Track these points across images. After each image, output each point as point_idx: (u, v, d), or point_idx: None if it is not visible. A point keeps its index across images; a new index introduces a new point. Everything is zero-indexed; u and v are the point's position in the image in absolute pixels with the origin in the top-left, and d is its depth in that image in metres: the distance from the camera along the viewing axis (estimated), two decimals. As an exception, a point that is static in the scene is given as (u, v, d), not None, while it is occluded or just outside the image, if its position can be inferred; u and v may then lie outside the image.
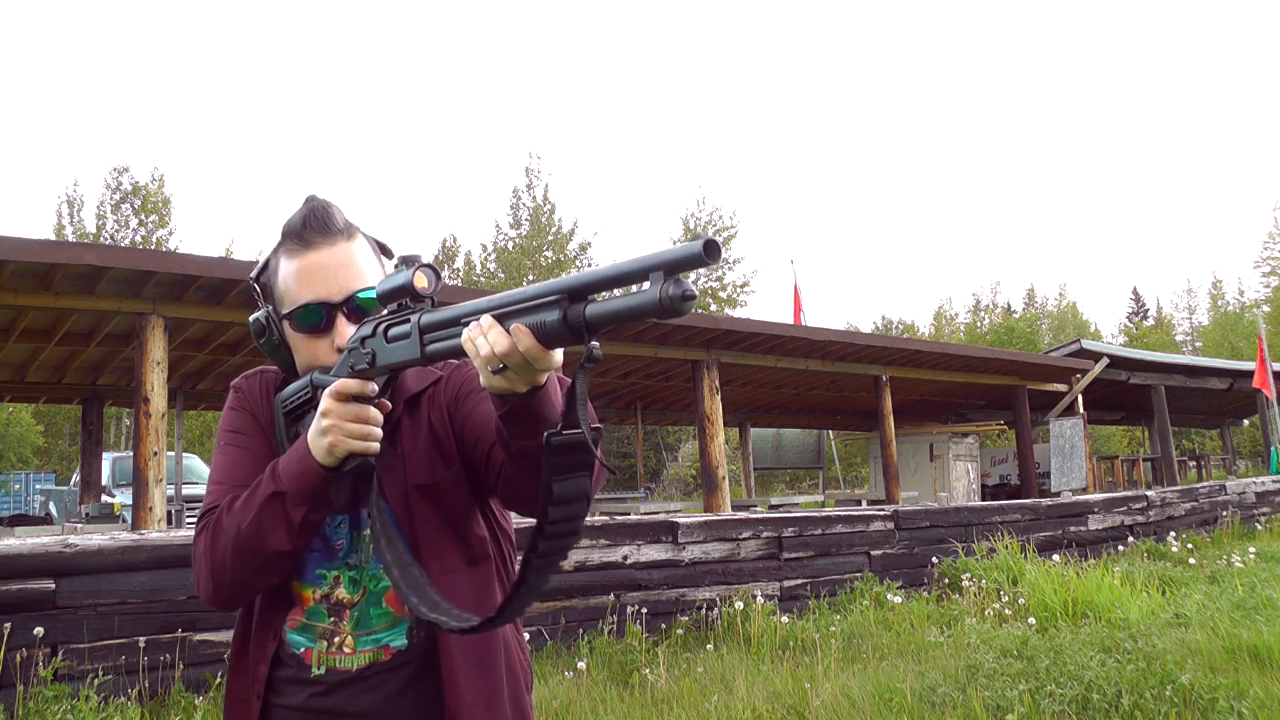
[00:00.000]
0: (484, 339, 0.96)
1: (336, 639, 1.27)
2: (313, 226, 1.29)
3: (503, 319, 0.96)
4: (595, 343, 0.91)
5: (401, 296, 1.12)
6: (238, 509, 1.21)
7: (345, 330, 1.26)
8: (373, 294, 1.23)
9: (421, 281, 1.10)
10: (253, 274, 1.38)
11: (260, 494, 1.19)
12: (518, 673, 1.33)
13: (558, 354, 0.98)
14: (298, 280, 1.28)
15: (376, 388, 1.17)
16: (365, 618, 1.27)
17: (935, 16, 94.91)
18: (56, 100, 66.04)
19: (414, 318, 1.10)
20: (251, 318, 1.34)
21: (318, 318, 1.27)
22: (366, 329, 1.17)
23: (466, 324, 1.01)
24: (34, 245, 6.60)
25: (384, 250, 1.38)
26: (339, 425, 1.14)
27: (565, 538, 1.01)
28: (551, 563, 1.03)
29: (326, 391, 1.16)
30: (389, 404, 1.21)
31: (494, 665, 1.28)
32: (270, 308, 1.33)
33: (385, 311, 1.16)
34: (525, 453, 1.08)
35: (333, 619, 1.28)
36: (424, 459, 1.30)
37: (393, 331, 1.13)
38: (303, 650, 1.27)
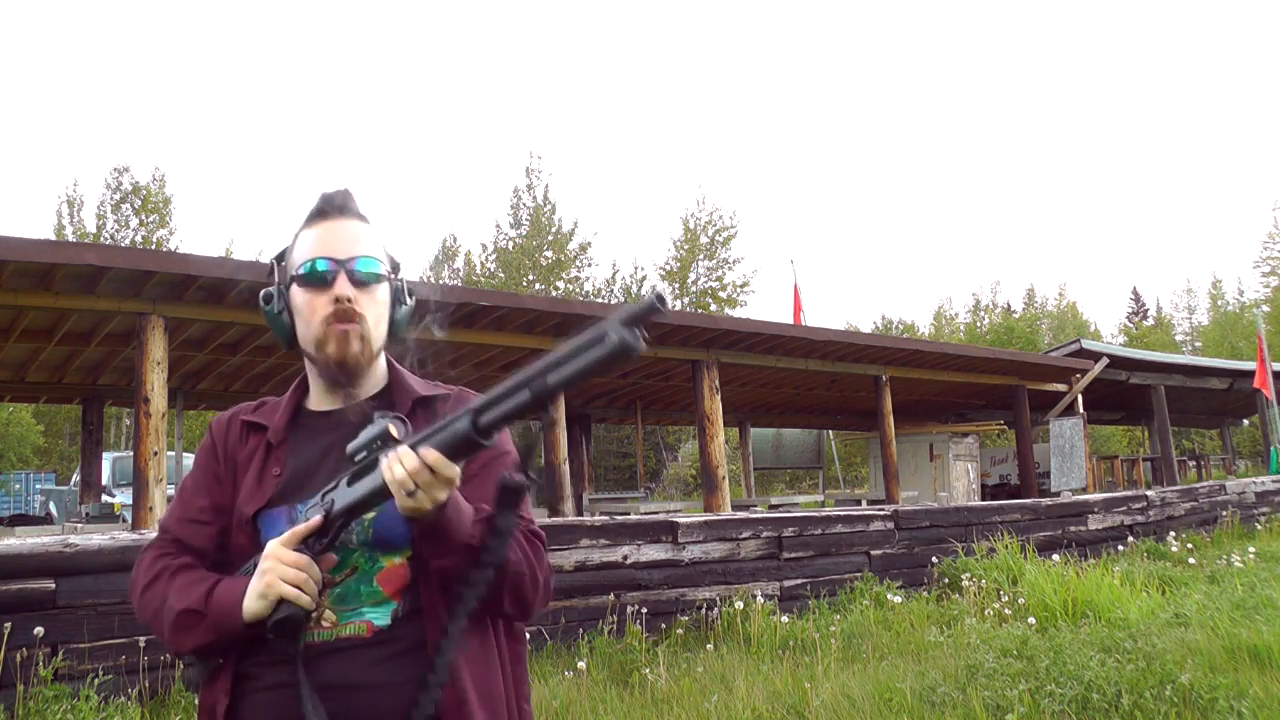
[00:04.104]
0: (399, 464, 1.13)
1: (315, 615, 1.28)
2: (332, 203, 1.42)
3: (415, 447, 1.13)
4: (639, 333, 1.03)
5: (374, 442, 1.22)
6: (173, 586, 1.31)
7: (344, 289, 1.35)
8: (375, 265, 1.38)
9: (395, 430, 1.21)
10: (276, 254, 1.48)
11: (191, 597, 1.28)
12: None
13: (455, 468, 1.14)
14: (311, 243, 1.40)
15: (326, 528, 1.25)
16: (353, 595, 1.29)
17: (935, 16, 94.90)
18: (56, 100, 66.08)
19: (380, 456, 1.19)
20: (263, 291, 1.44)
21: (322, 270, 1.37)
22: (330, 483, 1.27)
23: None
24: (34, 245, 6.60)
25: (394, 264, 1.47)
26: (277, 568, 1.22)
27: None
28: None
29: (273, 541, 1.25)
30: (334, 557, 1.29)
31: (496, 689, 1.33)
32: (279, 285, 1.44)
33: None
34: (443, 573, 1.24)
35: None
36: None
37: (358, 475, 1.23)
38: None
